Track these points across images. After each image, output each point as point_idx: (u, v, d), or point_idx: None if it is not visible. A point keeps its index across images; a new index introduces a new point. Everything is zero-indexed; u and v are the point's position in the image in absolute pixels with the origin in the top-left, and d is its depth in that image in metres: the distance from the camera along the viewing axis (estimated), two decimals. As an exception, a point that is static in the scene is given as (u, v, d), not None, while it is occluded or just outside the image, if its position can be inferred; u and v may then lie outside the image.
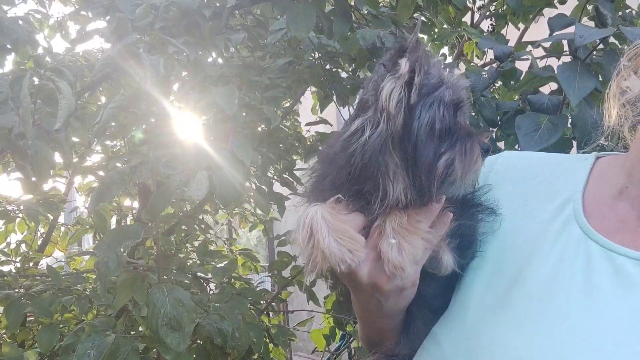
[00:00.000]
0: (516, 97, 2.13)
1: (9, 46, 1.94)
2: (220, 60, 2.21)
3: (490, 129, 1.88)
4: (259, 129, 2.38)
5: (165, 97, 1.43)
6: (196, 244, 3.02)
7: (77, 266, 2.99)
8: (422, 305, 0.95)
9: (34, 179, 1.42)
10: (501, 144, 1.93)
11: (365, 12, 2.06)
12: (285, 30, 2.04)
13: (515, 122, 1.50)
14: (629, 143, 0.97)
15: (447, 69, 0.88)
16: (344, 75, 2.29)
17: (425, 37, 2.78)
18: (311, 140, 2.98)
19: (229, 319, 1.68)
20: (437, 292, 0.94)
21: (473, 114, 1.79)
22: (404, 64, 0.82)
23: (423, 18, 2.49)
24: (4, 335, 1.95)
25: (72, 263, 3.00)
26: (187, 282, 1.99)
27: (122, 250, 1.40)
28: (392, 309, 0.92)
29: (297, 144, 2.87)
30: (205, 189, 1.56)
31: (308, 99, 3.65)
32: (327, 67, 2.08)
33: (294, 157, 2.77)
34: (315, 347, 2.63)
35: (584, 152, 1.40)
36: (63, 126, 1.12)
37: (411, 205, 0.83)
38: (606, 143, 1.27)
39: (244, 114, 1.97)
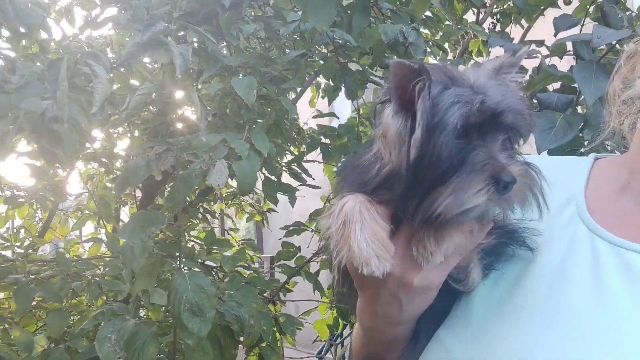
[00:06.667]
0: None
1: (23, 30, 1.93)
2: (232, 52, 2.22)
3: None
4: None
5: (191, 86, 1.44)
6: (193, 233, 3.03)
7: (76, 253, 2.98)
8: (429, 320, 0.92)
9: (57, 165, 1.42)
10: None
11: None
12: (298, 23, 2.06)
13: (531, 120, 1.54)
14: (629, 143, 0.96)
15: (484, 74, 0.82)
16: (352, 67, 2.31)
17: (430, 33, 2.81)
18: (309, 132, 3.01)
19: (245, 306, 1.71)
20: (445, 308, 0.92)
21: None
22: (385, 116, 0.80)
23: (429, 13, 2.52)
24: (14, 320, 1.95)
25: (71, 250, 2.99)
26: (197, 270, 2.00)
27: (147, 236, 1.41)
28: (412, 313, 0.89)
29: (295, 136, 2.90)
30: (226, 177, 1.58)
31: (306, 91, 3.66)
32: (340, 60, 2.11)
33: (292, 149, 2.79)
34: (318, 336, 2.66)
35: (586, 150, 1.43)
36: (99, 110, 1.13)
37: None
38: (609, 143, 1.30)
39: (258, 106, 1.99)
